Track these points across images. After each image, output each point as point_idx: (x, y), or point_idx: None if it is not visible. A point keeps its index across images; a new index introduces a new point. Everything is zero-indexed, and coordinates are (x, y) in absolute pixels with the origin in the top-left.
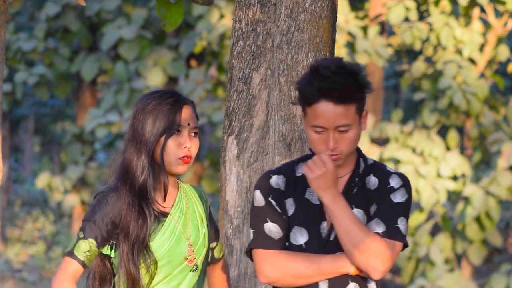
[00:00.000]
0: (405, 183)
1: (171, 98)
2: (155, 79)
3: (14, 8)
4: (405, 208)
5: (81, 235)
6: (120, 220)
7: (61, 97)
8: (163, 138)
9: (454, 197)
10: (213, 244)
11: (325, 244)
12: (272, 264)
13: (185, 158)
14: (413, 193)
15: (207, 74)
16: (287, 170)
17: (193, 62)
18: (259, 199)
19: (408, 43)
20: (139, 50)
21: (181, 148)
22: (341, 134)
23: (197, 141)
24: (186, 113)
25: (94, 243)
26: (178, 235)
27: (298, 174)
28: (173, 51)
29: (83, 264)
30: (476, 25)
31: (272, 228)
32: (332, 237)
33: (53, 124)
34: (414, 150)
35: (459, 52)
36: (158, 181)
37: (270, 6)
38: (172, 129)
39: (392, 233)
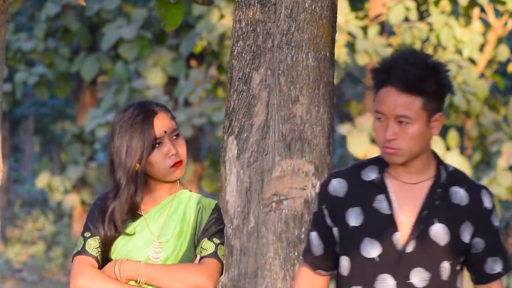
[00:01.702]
0: (493, 199)
1: (139, 116)
2: (155, 79)
3: (14, 8)
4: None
5: (87, 235)
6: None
7: (61, 97)
8: (143, 158)
9: None
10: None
11: (400, 257)
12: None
13: (176, 164)
14: None
15: (207, 74)
16: (352, 173)
17: (193, 62)
18: (315, 203)
19: (408, 43)
20: (139, 50)
21: (168, 157)
22: (401, 126)
23: (182, 141)
24: (158, 123)
25: (98, 239)
26: (146, 234)
27: (366, 178)
28: (173, 51)
29: (97, 259)
30: (476, 25)
31: (314, 241)
32: (408, 250)
33: (53, 124)
34: None
35: (459, 52)
36: (129, 201)
37: (270, 6)
38: (150, 145)
39: (508, 265)
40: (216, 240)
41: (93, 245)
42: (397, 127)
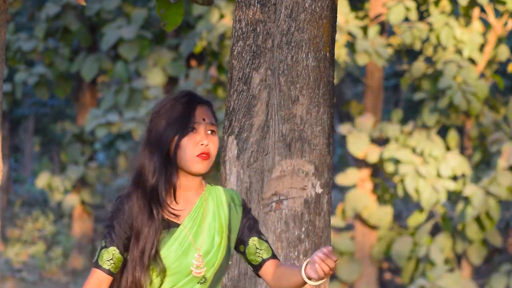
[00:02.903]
0: None
1: (185, 98)
2: (155, 79)
3: (14, 8)
4: None
5: (103, 244)
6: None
7: (61, 97)
8: (177, 138)
9: (454, 197)
10: (242, 247)
11: None
12: None
13: (203, 155)
14: (413, 193)
15: (207, 74)
16: None
17: (193, 62)
18: None
19: (408, 43)
20: (139, 50)
21: (197, 145)
22: None
23: (216, 140)
24: (200, 110)
25: (117, 250)
26: (187, 246)
27: None
28: (173, 51)
29: (109, 272)
30: (476, 25)
31: None
32: None
33: (53, 124)
34: (414, 150)
35: (459, 52)
36: (168, 183)
37: (270, 6)
38: (187, 127)
39: None
40: (264, 237)
41: (105, 257)
42: None
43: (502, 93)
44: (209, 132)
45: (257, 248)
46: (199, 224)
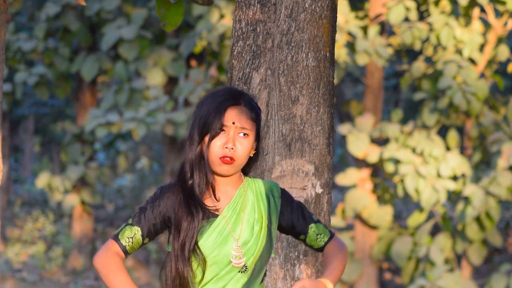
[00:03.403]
0: None
1: (222, 97)
2: (155, 79)
3: (14, 8)
4: None
5: (130, 221)
6: (170, 217)
7: (61, 97)
8: (207, 138)
9: (454, 197)
10: (302, 236)
11: None
12: None
13: (226, 158)
14: (413, 193)
15: (207, 74)
16: None
17: (193, 62)
18: None
19: (408, 43)
20: (139, 50)
21: (222, 148)
22: None
23: (246, 143)
24: (233, 112)
25: (139, 232)
26: (225, 235)
27: None
28: (173, 51)
29: (124, 250)
30: (476, 25)
31: None
32: None
33: (53, 124)
34: (414, 150)
35: (459, 52)
36: (204, 180)
37: (270, 6)
38: (216, 128)
39: None
40: (316, 218)
41: (126, 234)
42: None
43: (502, 93)
44: (241, 134)
45: (317, 234)
46: (238, 214)
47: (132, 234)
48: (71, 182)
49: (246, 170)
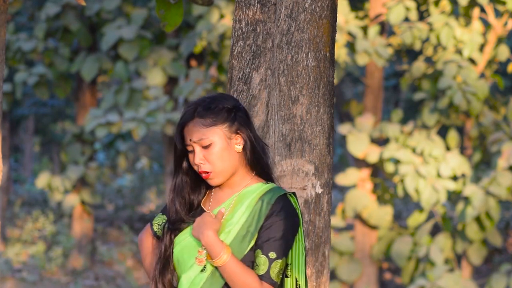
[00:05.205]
0: None
1: (179, 119)
2: (155, 79)
3: (14, 8)
4: None
5: (162, 209)
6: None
7: (61, 97)
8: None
9: (454, 197)
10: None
11: None
12: None
13: (203, 174)
14: (413, 193)
15: (207, 74)
16: None
17: (193, 62)
18: None
19: (408, 43)
20: (139, 50)
21: (195, 167)
22: None
23: (213, 151)
24: (187, 129)
25: (165, 220)
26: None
27: None
28: (173, 51)
29: (155, 233)
30: (476, 25)
31: None
32: None
33: (53, 124)
34: (414, 150)
35: (459, 52)
36: (188, 186)
37: (270, 6)
38: (185, 151)
39: None
40: (272, 255)
41: (157, 221)
42: None
43: (502, 93)
44: (204, 147)
45: (255, 259)
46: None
47: (161, 222)
48: (71, 182)
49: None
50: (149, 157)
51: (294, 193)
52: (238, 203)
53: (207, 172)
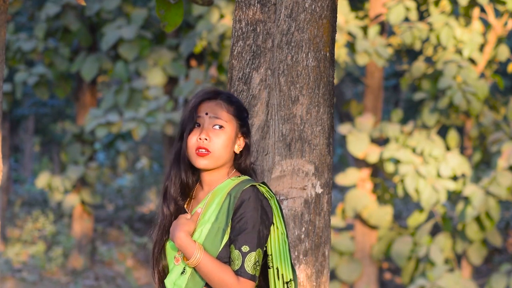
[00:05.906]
0: None
1: (200, 93)
2: (155, 79)
3: (14, 8)
4: None
5: None
6: None
7: (61, 97)
8: (185, 134)
9: (454, 197)
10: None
11: None
12: None
13: (200, 150)
14: (413, 193)
15: (207, 74)
16: None
17: (193, 62)
18: None
19: (408, 43)
20: (139, 50)
21: (196, 140)
22: None
23: (222, 135)
24: (207, 105)
25: None
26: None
27: None
28: (173, 51)
29: None
30: (476, 25)
31: None
32: None
33: (53, 124)
34: (414, 150)
35: (459, 52)
36: (179, 179)
37: (270, 6)
38: (191, 122)
39: None
40: (245, 248)
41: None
42: None
43: (502, 93)
44: (216, 126)
45: (230, 254)
46: (198, 215)
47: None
48: (71, 182)
49: (240, 166)
50: (149, 157)
51: (264, 183)
52: (211, 201)
53: (207, 151)
